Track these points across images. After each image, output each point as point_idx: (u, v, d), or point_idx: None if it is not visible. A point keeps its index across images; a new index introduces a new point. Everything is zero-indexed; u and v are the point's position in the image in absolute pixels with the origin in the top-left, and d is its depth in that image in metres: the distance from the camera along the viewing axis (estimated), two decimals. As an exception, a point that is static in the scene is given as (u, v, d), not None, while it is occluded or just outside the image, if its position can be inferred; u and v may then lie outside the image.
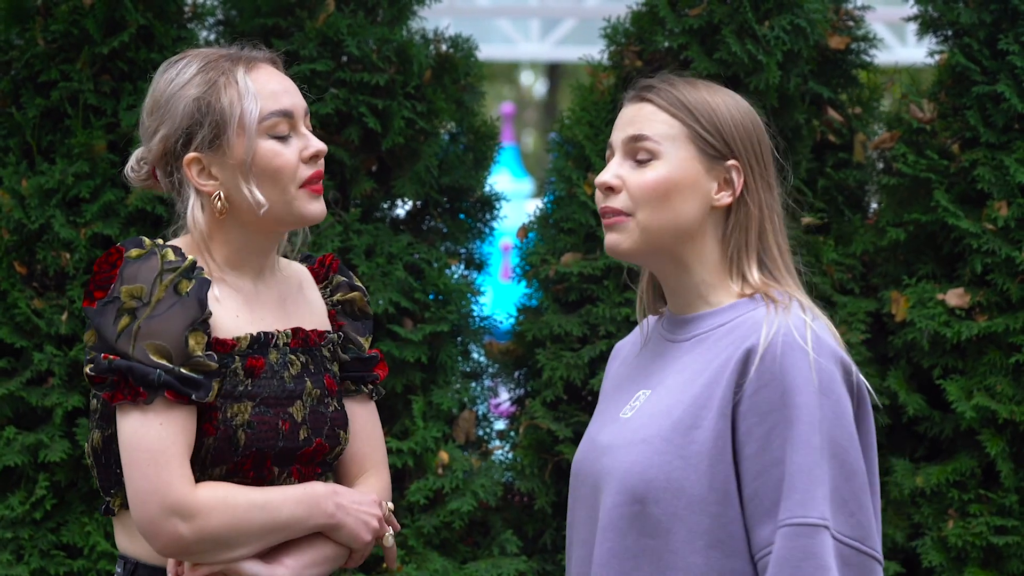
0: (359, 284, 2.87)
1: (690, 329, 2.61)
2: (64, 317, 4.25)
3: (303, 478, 2.69)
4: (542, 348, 4.38)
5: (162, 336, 2.56)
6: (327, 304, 2.83)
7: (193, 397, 2.56)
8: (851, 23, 4.49)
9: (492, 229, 4.57)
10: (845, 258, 4.40)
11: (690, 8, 4.35)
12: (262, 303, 2.71)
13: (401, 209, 4.56)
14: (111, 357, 2.56)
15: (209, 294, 2.61)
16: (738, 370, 2.49)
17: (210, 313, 2.61)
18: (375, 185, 4.44)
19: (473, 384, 4.44)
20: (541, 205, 4.53)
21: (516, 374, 4.51)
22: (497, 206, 4.56)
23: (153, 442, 2.54)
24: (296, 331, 2.72)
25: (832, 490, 2.43)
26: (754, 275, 2.57)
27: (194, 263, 2.63)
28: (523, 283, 4.46)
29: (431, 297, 4.41)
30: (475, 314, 4.45)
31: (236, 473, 2.63)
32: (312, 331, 2.74)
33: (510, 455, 4.41)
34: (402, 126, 4.36)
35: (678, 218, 2.56)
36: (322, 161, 2.69)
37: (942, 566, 4.22)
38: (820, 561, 2.40)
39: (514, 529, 4.36)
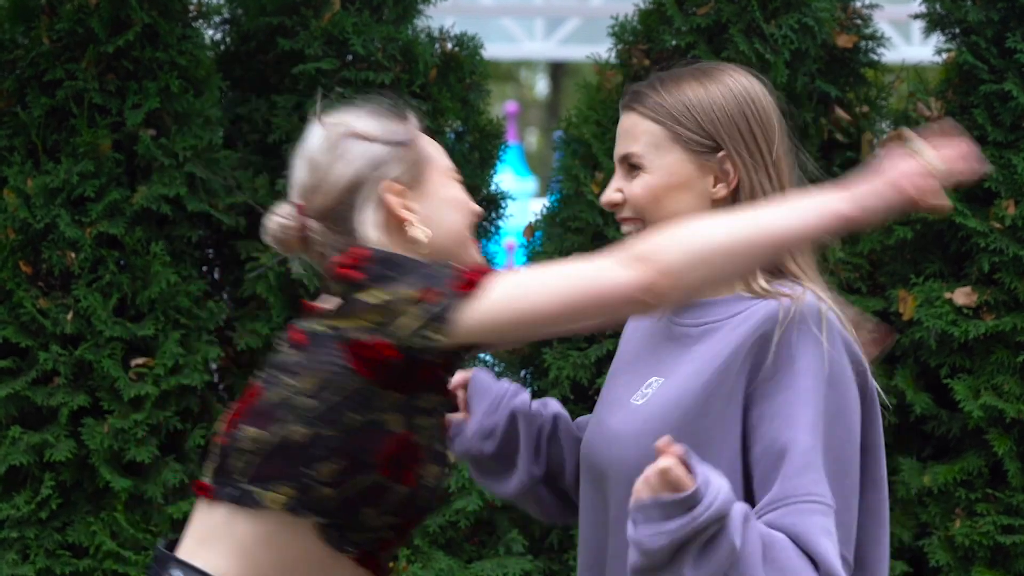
0: None
1: (699, 315, 2.60)
2: (69, 316, 4.25)
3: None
4: (549, 347, 4.37)
5: None
6: None
7: None
8: (859, 21, 4.49)
9: (498, 228, 4.56)
10: (852, 257, 4.40)
11: (698, 7, 4.34)
12: None
13: (406, 208, 4.55)
14: None
15: None
16: (752, 358, 2.47)
17: None
18: (381, 184, 4.43)
19: (479, 383, 4.43)
20: (547, 204, 4.52)
21: (522, 373, 4.50)
22: (503, 205, 4.56)
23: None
24: None
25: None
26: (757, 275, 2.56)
27: None
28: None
29: (437, 296, 4.40)
30: (480, 313, 4.44)
31: (393, 528, 2.47)
32: None
33: (516, 454, 4.40)
34: (408, 125, 4.35)
35: (679, 218, 2.56)
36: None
37: (949, 565, 4.22)
38: (832, 537, 2.39)
39: (520, 528, 4.36)
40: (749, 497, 2.46)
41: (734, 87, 2.60)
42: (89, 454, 4.23)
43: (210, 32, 4.52)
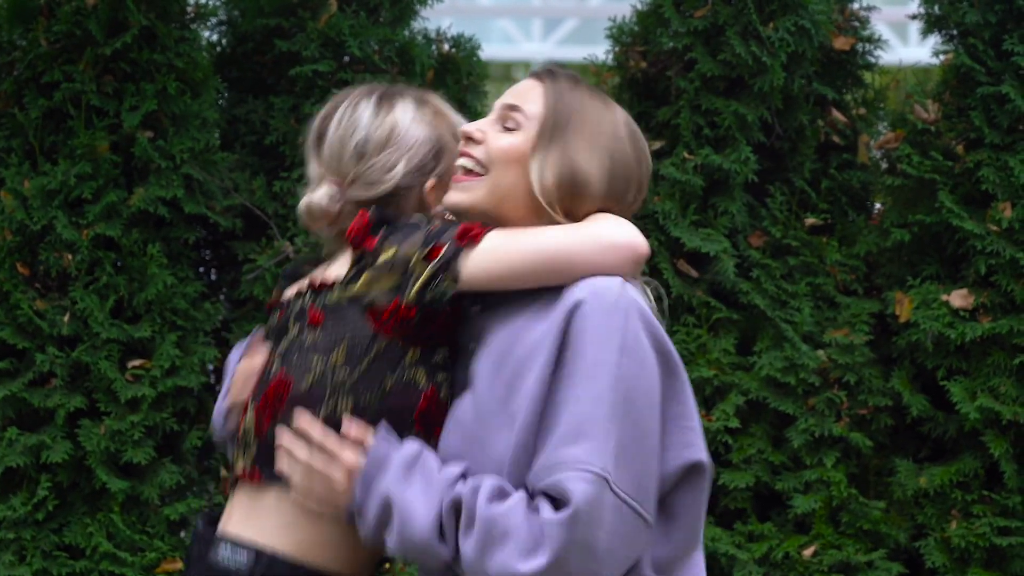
0: None
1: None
2: (66, 318, 4.25)
3: None
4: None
5: None
6: None
7: None
8: (856, 23, 4.49)
9: (495, 229, 4.56)
10: (849, 259, 4.40)
11: (695, 9, 4.34)
12: None
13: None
14: None
15: None
16: (559, 332, 2.49)
17: None
18: (378, 186, 4.43)
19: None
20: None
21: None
22: (500, 206, 4.55)
23: None
24: None
25: (619, 445, 2.44)
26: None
27: None
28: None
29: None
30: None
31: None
32: None
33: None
34: (405, 127, 4.35)
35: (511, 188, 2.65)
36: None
37: (945, 567, 4.22)
38: (596, 514, 2.41)
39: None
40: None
41: (620, 128, 2.64)
42: (86, 455, 4.23)
43: (207, 34, 4.52)
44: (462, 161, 2.64)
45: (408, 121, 2.73)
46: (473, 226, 2.53)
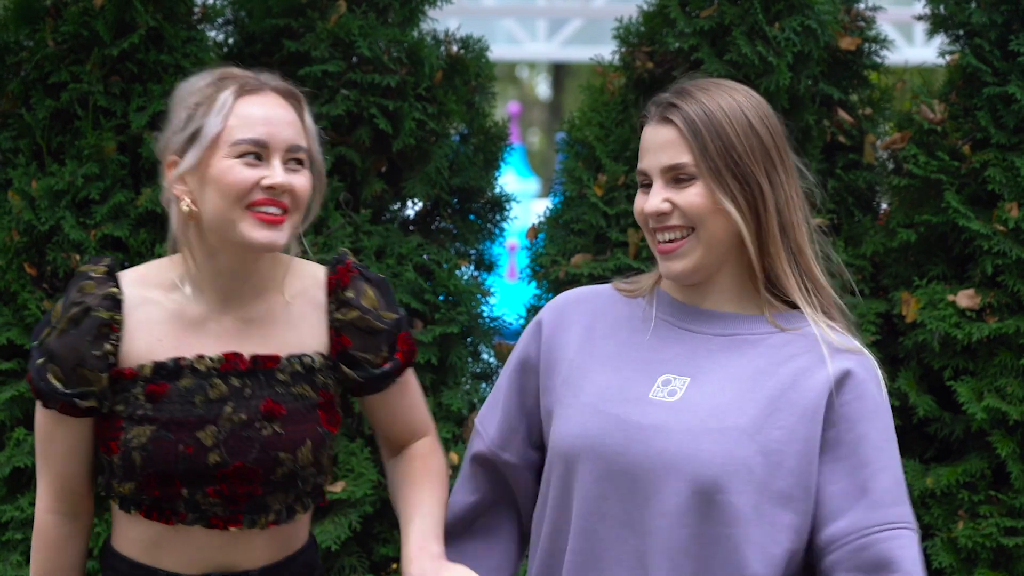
0: (363, 304, 2.88)
1: (720, 326, 2.71)
2: (74, 318, 4.25)
3: (233, 496, 2.77)
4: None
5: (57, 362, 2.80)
6: (329, 321, 2.88)
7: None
8: (862, 23, 4.49)
9: (502, 230, 4.57)
10: (855, 259, 4.40)
11: (701, 9, 4.35)
12: (207, 326, 2.80)
13: (411, 210, 4.56)
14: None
15: (131, 321, 2.78)
16: (833, 387, 2.66)
17: (102, 350, 2.77)
18: (385, 186, 4.44)
19: (483, 385, 4.44)
20: (549, 205, 4.53)
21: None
22: (507, 207, 4.56)
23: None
24: (231, 356, 2.78)
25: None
26: (788, 272, 2.72)
27: (109, 295, 2.80)
28: (533, 284, 4.46)
29: (441, 298, 4.41)
30: (485, 315, 4.45)
31: (143, 490, 2.77)
32: (255, 356, 2.80)
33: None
34: (413, 127, 4.35)
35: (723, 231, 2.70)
36: (289, 197, 2.74)
37: (952, 567, 4.22)
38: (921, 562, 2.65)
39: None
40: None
41: (753, 110, 2.71)
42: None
43: (214, 34, 4.52)
44: (664, 235, 2.67)
45: (187, 92, 2.84)
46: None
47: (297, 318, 2.85)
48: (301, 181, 2.76)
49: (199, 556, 2.81)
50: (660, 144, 2.67)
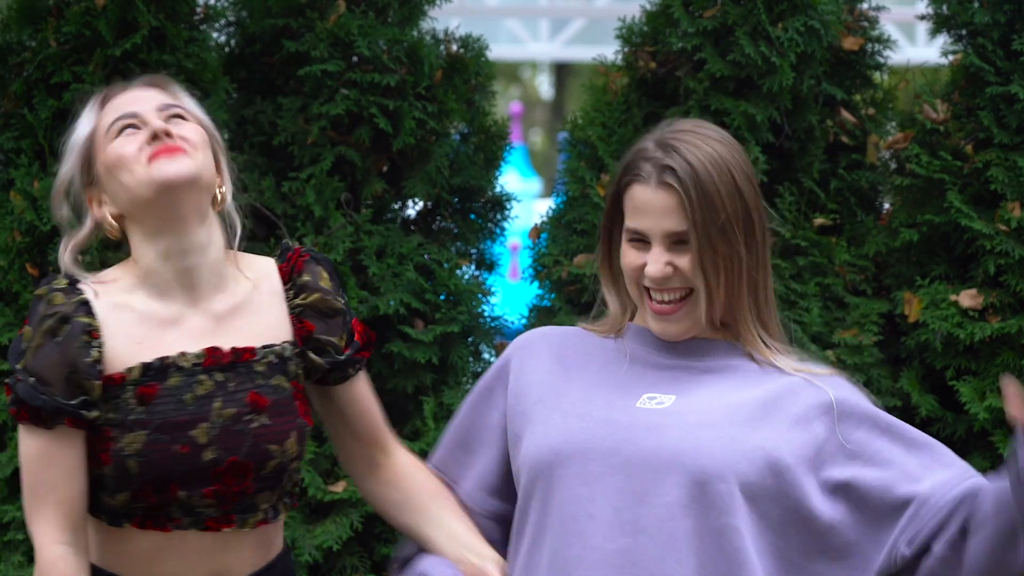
0: (321, 285, 2.89)
1: (698, 355, 2.78)
2: (76, 318, 4.25)
3: (226, 496, 2.77)
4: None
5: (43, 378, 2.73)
6: (289, 308, 2.88)
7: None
8: (865, 23, 4.49)
9: (503, 229, 4.56)
10: (858, 259, 4.40)
11: (704, 9, 4.34)
12: (180, 325, 2.80)
13: (412, 210, 4.55)
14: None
15: (108, 326, 2.75)
16: (827, 415, 2.72)
17: (91, 357, 2.73)
18: (386, 186, 4.44)
19: (484, 385, 4.44)
20: (552, 205, 4.52)
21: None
22: (508, 206, 4.56)
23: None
24: (212, 350, 2.78)
25: None
26: (751, 327, 2.77)
27: (81, 302, 2.76)
28: (535, 283, 4.45)
29: (442, 298, 4.41)
30: (486, 315, 4.44)
31: (137, 499, 2.74)
32: (235, 349, 2.80)
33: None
34: (413, 127, 4.35)
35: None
36: (180, 141, 2.77)
37: (954, 567, 4.22)
38: None
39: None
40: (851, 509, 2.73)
41: (730, 164, 2.80)
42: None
43: (216, 34, 4.52)
44: (663, 296, 2.71)
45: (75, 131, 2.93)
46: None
47: (261, 308, 2.85)
48: (186, 126, 2.80)
49: (194, 562, 2.79)
50: (661, 210, 2.71)
